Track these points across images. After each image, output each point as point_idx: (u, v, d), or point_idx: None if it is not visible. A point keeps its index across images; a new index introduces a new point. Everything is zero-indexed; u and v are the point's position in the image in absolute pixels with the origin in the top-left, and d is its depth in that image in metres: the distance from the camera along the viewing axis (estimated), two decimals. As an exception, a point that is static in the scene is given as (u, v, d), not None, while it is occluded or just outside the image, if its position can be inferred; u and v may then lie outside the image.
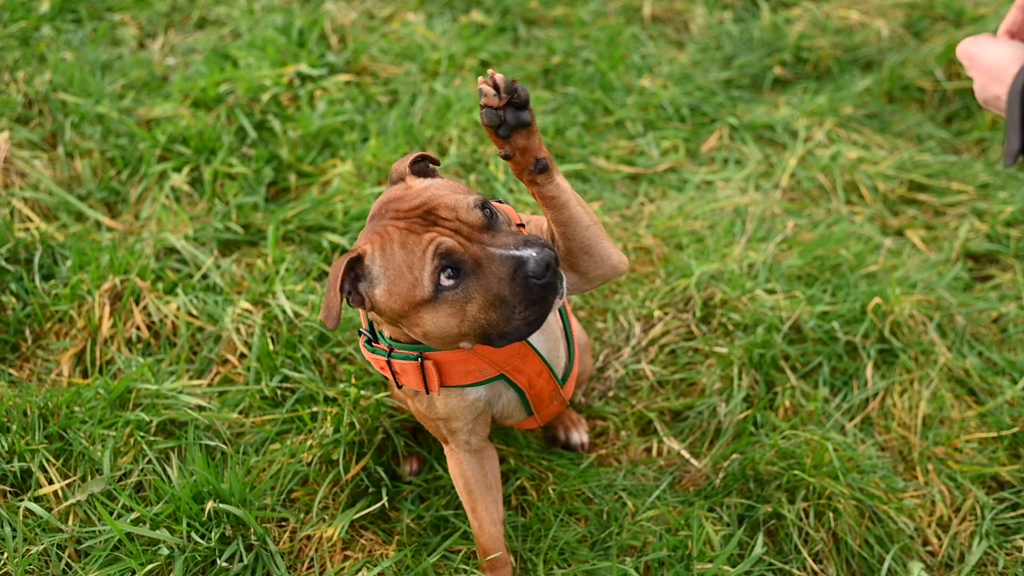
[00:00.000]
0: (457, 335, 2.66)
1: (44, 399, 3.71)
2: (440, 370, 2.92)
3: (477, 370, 2.95)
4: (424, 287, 2.58)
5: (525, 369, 3.04)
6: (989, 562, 3.66)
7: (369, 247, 2.67)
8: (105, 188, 4.93)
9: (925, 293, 4.50)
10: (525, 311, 2.59)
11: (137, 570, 3.25)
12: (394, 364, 2.93)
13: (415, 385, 2.95)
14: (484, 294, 2.58)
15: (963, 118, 5.93)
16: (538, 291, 2.57)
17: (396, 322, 2.73)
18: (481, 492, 3.24)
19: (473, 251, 2.59)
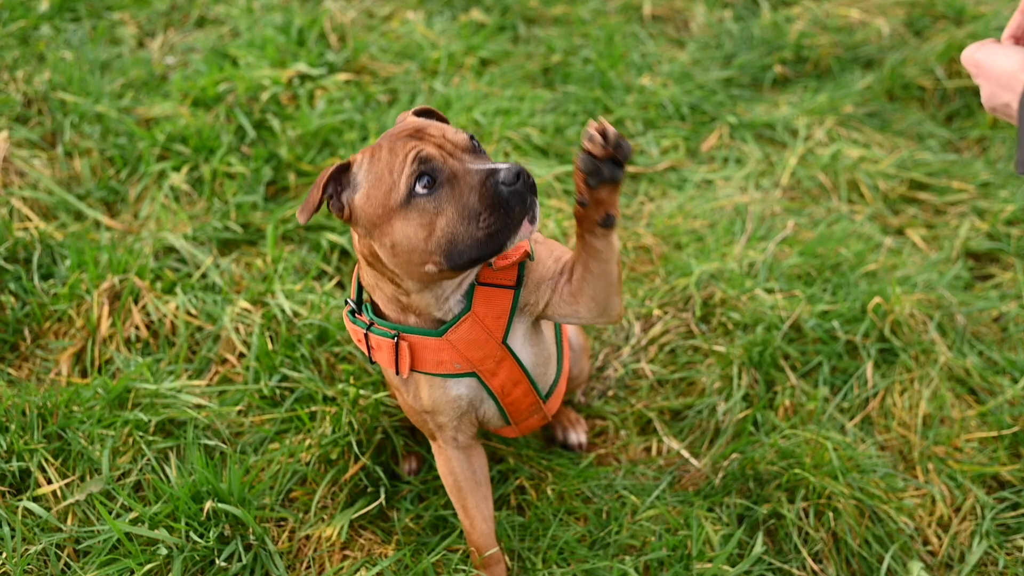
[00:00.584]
0: (423, 251, 2.67)
1: (43, 398, 3.71)
2: (413, 354, 2.94)
3: (450, 361, 2.96)
4: (399, 191, 2.65)
5: (499, 373, 3.05)
6: (989, 562, 3.65)
7: (359, 156, 2.78)
8: (104, 187, 4.92)
9: (925, 292, 4.50)
10: (489, 218, 2.61)
11: (136, 570, 3.25)
12: (371, 338, 2.97)
13: (387, 363, 2.98)
14: (455, 206, 2.63)
15: (964, 116, 5.92)
16: (505, 197, 2.60)
17: (370, 232, 2.75)
18: (471, 489, 3.25)
19: (452, 164, 2.66)
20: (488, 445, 3.87)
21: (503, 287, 2.94)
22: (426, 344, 2.94)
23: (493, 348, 2.98)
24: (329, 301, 4.16)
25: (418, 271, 2.73)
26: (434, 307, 2.91)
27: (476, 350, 2.96)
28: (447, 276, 2.76)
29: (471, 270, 2.84)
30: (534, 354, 3.14)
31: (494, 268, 2.90)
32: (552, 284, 2.97)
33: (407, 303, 2.91)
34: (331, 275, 4.52)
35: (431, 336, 2.93)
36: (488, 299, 2.94)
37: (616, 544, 3.54)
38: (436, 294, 2.89)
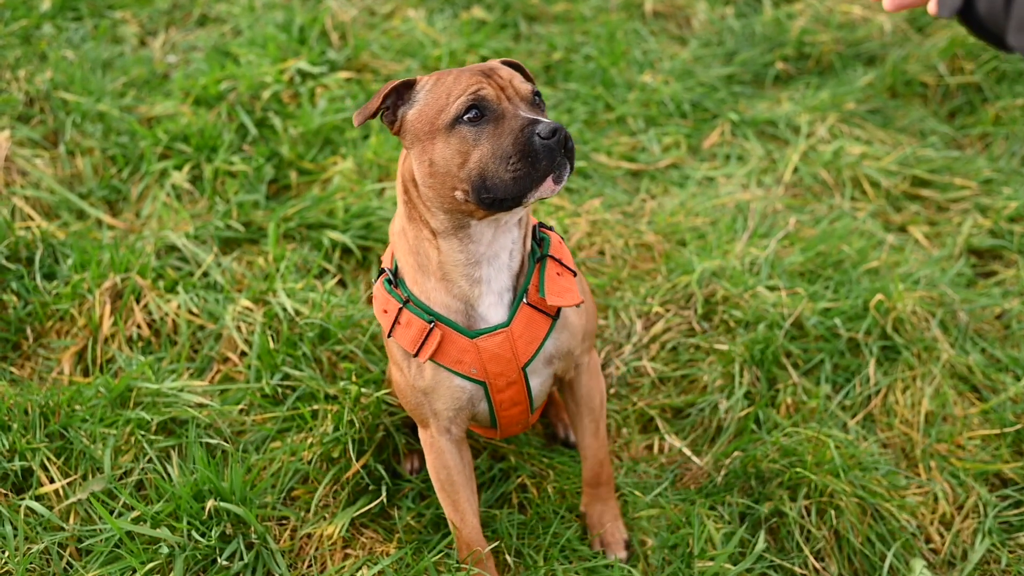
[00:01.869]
0: (455, 176, 2.75)
1: (45, 398, 3.71)
2: (440, 344, 2.96)
3: (469, 364, 2.99)
4: (448, 113, 2.75)
5: (507, 392, 3.10)
6: (992, 560, 3.65)
7: (426, 78, 2.89)
8: (106, 186, 4.93)
9: (928, 289, 4.49)
10: (518, 163, 2.68)
11: (138, 568, 3.25)
12: (403, 314, 2.99)
13: (409, 343, 2.98)
14: (491, 143, 2.72)
15: (966, 113, 5.92)
16: (536, 148, 2.67)
17: (412, 147, 2.85)
18: (463, 483, 3.25)
19: (504, 106, 2.76)
20: (489, 443, 3.88)
21: (545, 313, 3.03)
22: (455, 340, 2.97)
23: (512, 370, 3.04)
24: (331, 300, 4.16)
25: (449, 195, 2.78)
26: (461, 274, 2.93)
27: (497, 365, 3.01)
28: (471, 210, 2.80)
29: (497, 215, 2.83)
30: (541, 383, 3.21)
31: (547, 300, 2.96)
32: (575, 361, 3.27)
33: (436, 262, 2.93)
34: (333, 273, 4.52)
35: (463, 334, 2.97)
36: (529, 322, 3.01)
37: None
38: (467, 254, 2.91)
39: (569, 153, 2.71)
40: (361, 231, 4.62)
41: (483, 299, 2.97)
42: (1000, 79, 5.98)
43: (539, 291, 2.99)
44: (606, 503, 3.55)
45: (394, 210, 4.69)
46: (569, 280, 3.05)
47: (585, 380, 3.34)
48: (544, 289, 2.98)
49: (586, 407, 3.38)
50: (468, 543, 3.29)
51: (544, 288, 2.98)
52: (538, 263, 3.04)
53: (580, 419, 3.42)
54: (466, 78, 2.79)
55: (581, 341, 3.21)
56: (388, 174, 5.01)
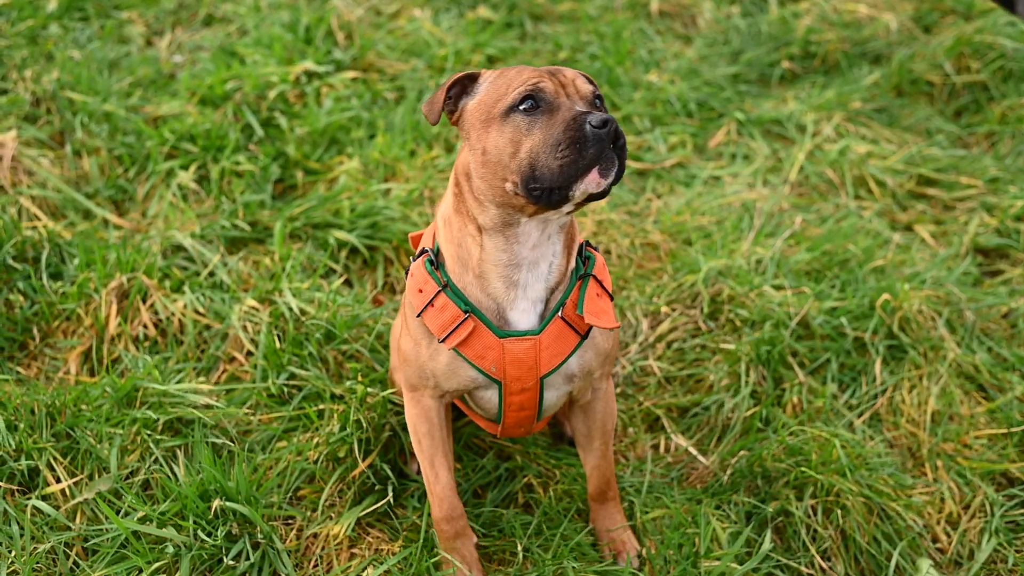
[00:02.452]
0: (505, 166, 2.77)
1: (51, 397, 3.71)
2: (468, 336, 2.98)
3: (491, 361, 3.00)
4: (504, 102, 2.78)
5: (519, 397, 3.12)
6: (999, 559, 3.65)
7: (491, 71, 2.94)
8: (112, 186, 4.93)
9: (934, 288, 4.49)
10: (566, 150, 2.68)
11: (144, 568, 3.25)
12: (440, 298, 3.00)
13: (439, 328, 2.99)
14: (544, 133, 2.73)
15: (972, 112, 5.91)
16: (586, 135, 2.68)
17: (469, 135, 2.88)
18: (442, 440, 3.27)
19: (561, 100, 2.78)
20: (495, 443, 3.88)
21: (575, 331, 3.04)
22: (483, 335, 2.99)
23: (531, 378, 3.06)
24: (337, 299, 4.16)
25: (500, 187, 2.79)
26: (499, 275, 2.95)
27: (517, 369, 3.03)
28: (521, 204, 2.80)
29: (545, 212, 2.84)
30: (557, 397, 3.24)
31: (585, 318, 2.98)
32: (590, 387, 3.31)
33: (477, 259, 2.95)
34: (339, 273, 4.52)
35: (493, 331, 2.98)
36: (559, 336, 3.03)
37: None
38: (509, 254, 2.92)
39: (619, 151, 2.71)
40: (367, 231, 4.62)
41: (516, 304, 2.99)
42: (1007, 78, 5.97)
43: (577, 308, 3.00)
44: (614, 516, 3.56)
45: (400, 211, 4.69)
46: (607, 303, 3.08)
47: (601, 406, 3.36)
48: (583, 307, 2.99)
49: (599, 431, 3.39)
50: (440, 499, 3.31)
51: (583, 306, 2.99)
52: (580, 280, 3.05)
53: (591, 441, 3.42)
54: (528, 72, 2.82)
55: (602, 365, 3.22)
56: (394, 174, 5.01)
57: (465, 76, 2.91)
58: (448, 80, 2.90)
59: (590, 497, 3.55)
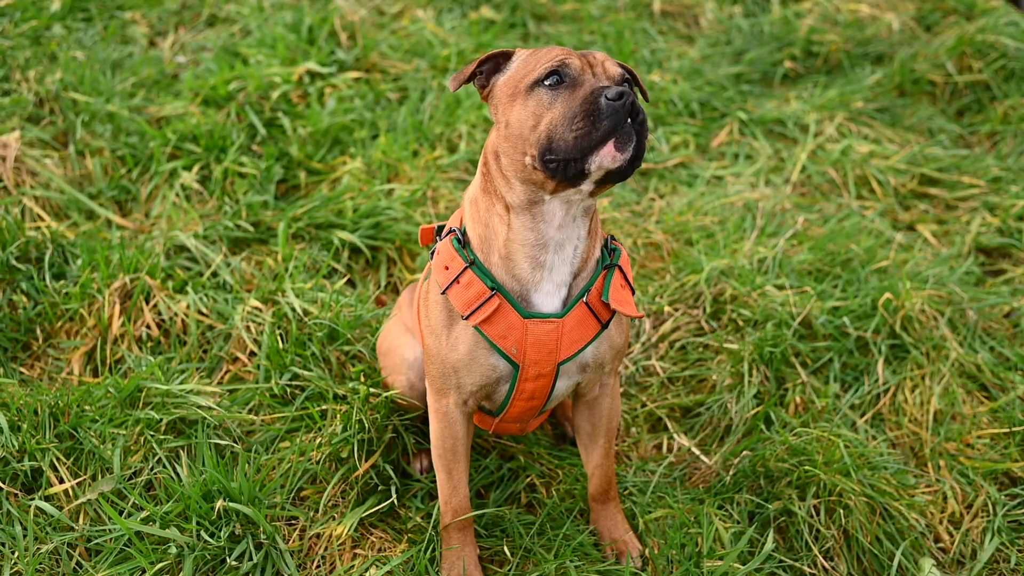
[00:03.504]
0: (526, 139, 2.78)
1: (54, 398, 3.72)
2: (493, 313, 2.98)
3: (512, 342, 3.00)
4: (531, 77, 2.80)
5: (533, 384, 3.11)
6: (1001, 559, 3.65)
7: (523, 50, 2.96)
8: (115, 186, 4.93)
9: (936, 288, 4.49)
10: (581, 123, 2.69)
11: (147, 568, 3.25)
12: (466, 274, 3.00)
13: (463, 305, 2.99)
14: (564, 107, 2.73)
15: (974, 112, 5.91)
16: (601, 108, 2.68)
17: (497, 109, 2.91)
18: (463, 454, 3.29)
19: (585, 77, 2.78)
20: (498, 443, 3.88)
21: (597, 318, 3.05)
22: (507, 314, 2.99)
23: (550, 362, 3.05)
24: (340, 300, 4.17)
25: (520, 161, 2.80)
26: (526, 256, 2.96)
27: (538, 352, 3.02)
28: (541, 180, 2.80)
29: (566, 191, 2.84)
30: (566, 387, 3.23)
31: (610, 303, 3.00)
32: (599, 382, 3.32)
33: (504, 239, 2.95)
34: (342, 273, 4.53)
35: (518, 311, 2.97)
36: (581, 321, 3.03)
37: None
38: (536, 234, 2.93)
39: (638, 126, 2.70)
40: (370, 231, 4.62)
41: (541, 286, 2.99)
42: (1008, 77, 5.97)
43: (603, 295, 3.01)
44: (615, 517, 3.56)
45: (403, 211, 4.70)
46: (629, 294, 3.09)
47: (607, 402, 3.36)
48: (608, 294, 3.00)
49: (604, 427, 3.39)
50: (456, 510, 3.33)
51: (608, 293, 3.00)
52: (605, 269, 3.06)
53: (595, 439, 3.43)
54: (558, 50, 2.84)
55: (613, 360, 3.22)
56: (397, 174, 5.01)
57: (499, 53, 2.96)
58: (482, 56, 2.96)
59: (591, 497, 3.55)
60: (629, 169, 2.76)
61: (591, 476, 3.50)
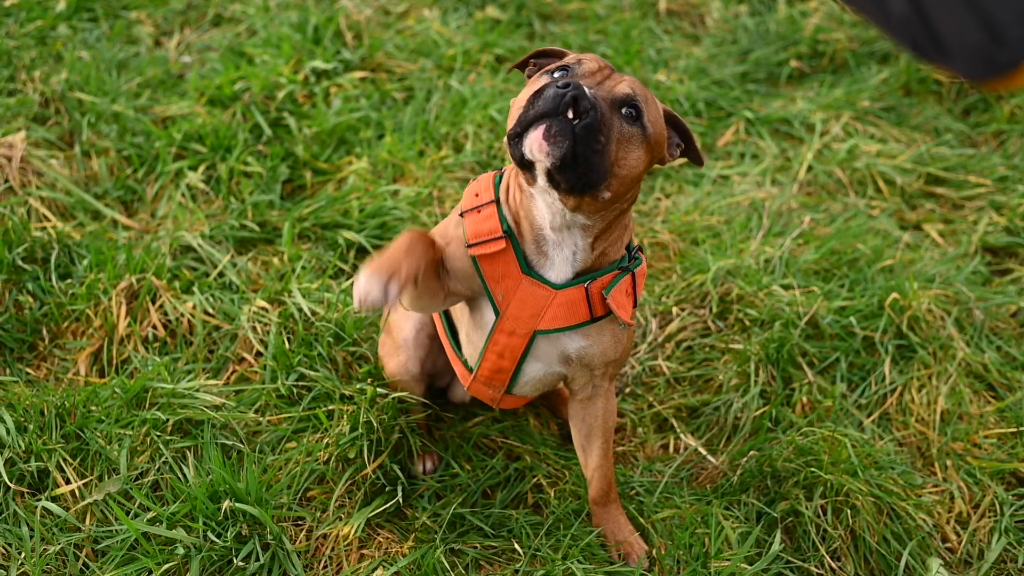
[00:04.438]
0: (513, 114, 2.80)
1: (61, 398, 3.72)
2: (499, 254, 3.00)
3: (502, 289, 3.04)
4: (549, 67, 2.91)
5: (505, 341, 3.12)
6: (1008, 559, 3.65)
7: (575, 54, 3.00)
8: (121, 187, 4.93)
9: (943, 287, 4.49)
10: (529, 100, 2.72)
11: (154, 569, 3.26)
12: (490, 208, 3.03)
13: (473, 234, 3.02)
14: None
15: (981, 111, 5.91)
16: (545, 93, 2.68)
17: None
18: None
19: (584, 80, 2.78)
20: (505, 443, 3.88)
21: (590, 309, 3.05)
22: (508, 262, 3.00)
23: (526, 326, 3.06)
24: (346, 300, 4.17)
25: (508, 131, 2.80)
26: (532, 238, 3.00)
27: (521, 309, 3.04)
28: (511, 156, 2.80)
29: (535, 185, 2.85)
30: (542, 374, 3.25)
31: (608, 299, 3.00)
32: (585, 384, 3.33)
33: (526, 207, 2.97)
34: (348, 274, 4.53)
35: (520, 265, 2.99)
36: (572, 304, 3.03)
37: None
38: (535, 224, 2.97)
39: (581, 129, 2.64)
40: (376, 231, 4.62)
41: (544, 266, 3.02)
42: (1015, 76, 5.96)
43: (605, 289, 3.00)
44: (618, 519, 3.55)
45: (409, 211, 4.70)
46: (629, 302, 3.08)
47: (602, 403, 3.36)
48: (610, 290, 3.00)
49: (601, 428, 3.39)
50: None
51: (611, 290, 3.00)
52: (619, 270, 3.05)
53: (592, 441, 3.43)
54: (589, 56, 2.89)
55: (604, 365, 3.22)
56: (403, 174, 5.01)
57: (555, 51, 3.06)
58: (540, 49, 3.08)
59: (592, 501, 3.55)
60: (563, 175, 2.71)
61: (591, 479, 3.50)
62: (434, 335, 3.67)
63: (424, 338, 3.65)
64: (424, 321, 3.64)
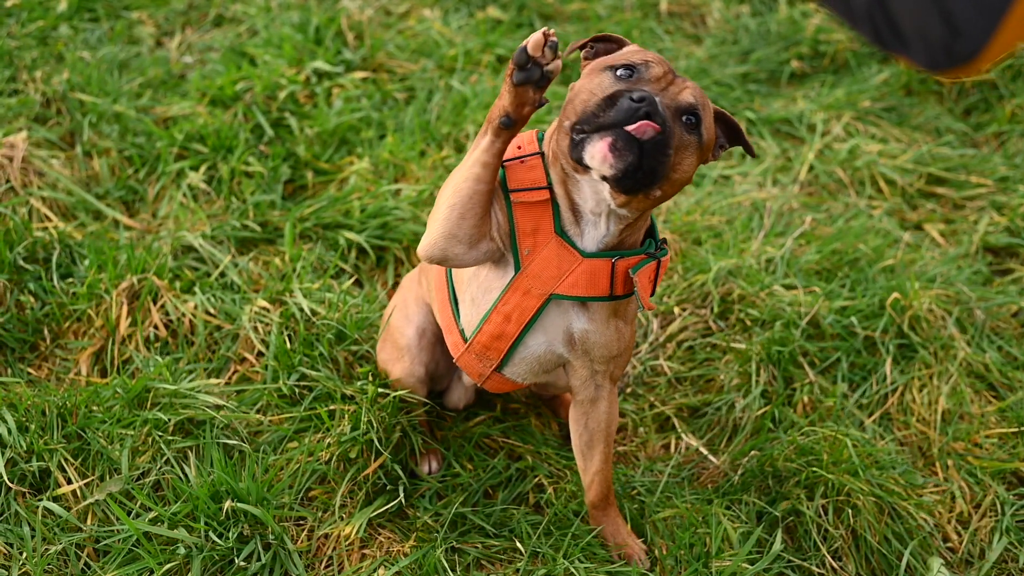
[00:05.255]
0: (574, 107, 2.80)
1: (62, 398, 3.72)
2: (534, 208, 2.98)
3: (531, 243, 3.00)
4: (610, 61, 2.89)
5: (516, 302, 3.06)
6: (1009, 558, 3.65)
7: (633, 45, 3.03)
8: (123, 187, 4.93)
9: (944, 287, 4.49)
10: (600, 103, 2.73)
11: (155, 569, 3.26)
12: (535, 160, 3.00)
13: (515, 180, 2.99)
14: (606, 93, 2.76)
15: (981, 111, 5.91)
16: (619, 101, 2.70)
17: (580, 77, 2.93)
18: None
19: (650, 85, 2.80)
20: (506, 443, 3.88)
21: (611, 285, 3.03)
22: (544, 218, 2.98)
23: (544, 286, 3.03)
24: (347, 300, 4.17)
25: (563, 123, 2.83)
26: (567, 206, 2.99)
27: (543, 267, 3.01)
28: (563, 145, 2.83)
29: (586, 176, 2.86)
30: (541, 351, 3.19)
31: (635, 277, 2.99)
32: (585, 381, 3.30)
33: (570, 186, 2.96)
34: (349, 274, 4.53)
35: (555, 223, 2.97)
36: (596, 274, 3.01)
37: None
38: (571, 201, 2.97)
39: (652, 147, 2.68)
40: (377, 231, 4.62)
41: (575, 236, 3.01)
42: (1016, 76, 5.97)
43: (633, 269, 3.00)
44: (616, 522, 3.55)
45: (410, 211, 4.70)
46: (650, 289, 3.08)
47: (605, 406, 3.33)
48: (637, 270, 3.00)
49: (603, 432, 3.37)
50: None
51: (637, 270, 3.00)
52: (646, 255, 3.04)
53: (593, 446, 3.40)
54: (652, 55, 2.89)
55: (605, 360, 3.20)
56: (404, 174, 5.01)
57: (616, 38, 3.04)
58: (599, 35, 3.05)
59: (591, 505, 3.53)
60: (622, 181, 2.74)
61: (590, 484, 3.48)
62: (435, 339, 3.66)
63: (426, 342, 3.65)
64: (425, 325, 3.63)
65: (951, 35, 1.64)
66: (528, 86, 2.69)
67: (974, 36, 1.63)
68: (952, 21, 1.62)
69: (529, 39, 2.64)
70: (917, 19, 1.66)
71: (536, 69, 2.65)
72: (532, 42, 2.64)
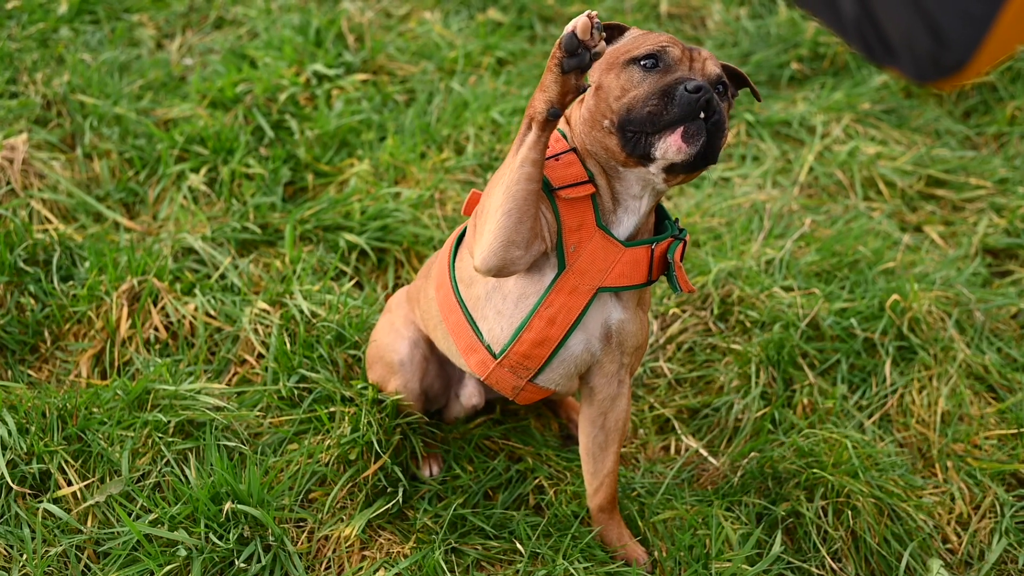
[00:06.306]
0: (608, 106, 2.84)
1: (63, 400, 3.72)
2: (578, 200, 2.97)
3: (576, 240, 2.98)
4: (631, 53, 2.86)
5: (562, 302, 3.02)
6: (1009, 559, 3.65)
7: (636, 29, 3.02)
8: (123, 189, 4.94)
9: (943, 289, 4.49)
10: (657, 101, 2.75)
11: (156, 571, 3.26)
12: (570, 156, 2.99)
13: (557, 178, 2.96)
14: (649, 87, 2.79)
15: (981, 113, 5.91)
16: (676, 95, 2.74)
17: (594, 71, 2.93)
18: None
19: (680, 67, 2.84)
20: (506, 445, 3.88)
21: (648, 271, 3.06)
22: (587, 212, 2.97)
23: (593, 279, 3.01)
24: (347, 302, 4.17)
25: (600, 123, 2.86)
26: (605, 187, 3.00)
27: (591, 262, 3.00)
28: (611, 144, 2.86)
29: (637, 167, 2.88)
30: (580, 350, 3.14)
31: (676, 261, 3.05)
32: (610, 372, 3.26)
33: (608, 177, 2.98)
34: (349, 276, 4.53)
35: (596, 216, 2.97)
36: (637, 263, 3.02)
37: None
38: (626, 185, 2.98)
39: (712, 126, 2.75)
40: (377, 233, 4.63)
41: (612, 225, 3.02)
42: (1015, 78, 5.97)
43: (668, 251, 3.05)
44: (619, 524, 3.54)
45: (410, 213, 4.70)
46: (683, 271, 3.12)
47: (624, 403, 3.31)
48: (673, 253, 3.05)
49: (619, 431, 3.35)
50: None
51: (674, 253, 3.05)
52: (672, 238, 3.08)
53: (607, 447, 3.38)
54: (665, 37, 2.89)
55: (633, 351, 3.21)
56: (404, 176, 5.02)
57: (615, 24, 3.00)
58: (609, 23, 3.01)
59: (598, 508, 3.50)
60: (695, 164, 2.81)
61: (600, 487, 3.45)
62: (427, 358, 3.65)
63: (420, 358, 3.62)
64: (416, 340, 3.61)
65: (938, 47, 1.66)
66: (573, 73, 2.69)
67: (960, 48, 1.64)
68: (939, 33, 1.64)
69: (575, 23, 2.61)
70: (904, 32, 1.68)
71: (586, 53, 2.64)
72: (580, 26, 2.61)
